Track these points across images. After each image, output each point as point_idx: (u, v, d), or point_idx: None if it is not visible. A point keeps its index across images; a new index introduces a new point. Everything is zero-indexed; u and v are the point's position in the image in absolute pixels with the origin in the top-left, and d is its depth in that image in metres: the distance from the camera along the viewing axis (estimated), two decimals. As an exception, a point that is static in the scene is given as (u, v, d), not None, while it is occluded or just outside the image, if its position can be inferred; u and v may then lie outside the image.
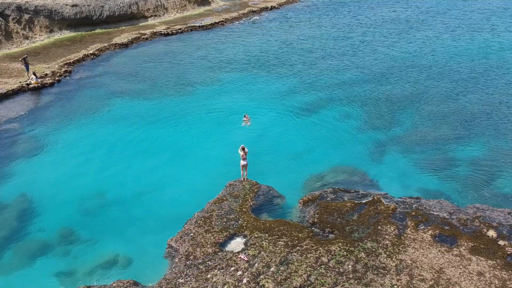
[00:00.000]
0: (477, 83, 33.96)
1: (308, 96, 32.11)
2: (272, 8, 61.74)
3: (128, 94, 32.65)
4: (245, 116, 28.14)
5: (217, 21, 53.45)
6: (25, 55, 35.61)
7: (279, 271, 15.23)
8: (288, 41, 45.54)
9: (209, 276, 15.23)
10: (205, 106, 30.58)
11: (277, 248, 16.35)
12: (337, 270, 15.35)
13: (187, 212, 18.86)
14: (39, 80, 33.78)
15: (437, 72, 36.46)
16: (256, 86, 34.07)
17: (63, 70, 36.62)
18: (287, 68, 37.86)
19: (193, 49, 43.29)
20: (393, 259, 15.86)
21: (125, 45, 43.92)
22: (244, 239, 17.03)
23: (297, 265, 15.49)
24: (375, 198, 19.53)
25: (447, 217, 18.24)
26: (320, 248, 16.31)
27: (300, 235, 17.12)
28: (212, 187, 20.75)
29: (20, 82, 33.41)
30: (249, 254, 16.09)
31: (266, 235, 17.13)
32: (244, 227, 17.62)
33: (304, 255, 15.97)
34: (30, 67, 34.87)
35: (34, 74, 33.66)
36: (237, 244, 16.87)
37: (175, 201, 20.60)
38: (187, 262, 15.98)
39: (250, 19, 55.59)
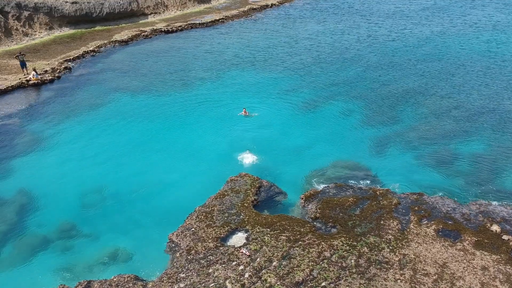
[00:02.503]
0: (480, 77, 33.74)
1: (311, 91, 31.92)
2: (272, 5, 61.51)
3: (128, 90, 32.48)
4: (243, 110, 28.03)
5: (217, 18, 53.21)
6: (21, 53, 34.86)
7: (281, 266, 15.09)
8: (291, 37, 45.34)
9: (210, 270, 15.10)
10: (206, 101, 30.39)
11: (279, 243, 16.21)
12: (340, 264, 15.21)
13: (188, 207, 18.71)
14: (39, 76, 33.62)
15: (440, 66, 36.24)
16: (259, 81, 33.87)
17: (63, 66, 36.42)
18: (290, 62, 37.66)
19: (194, 45, 43.09)
20: (396, 254, 15.72)
21: (125, 42, 43.70)
22: (246, 234, 16.89)
23: (300, 260, 15.35)
24: (378, 193, 19.39)
25: (450, 212, 18.10)
26: (323, 243, 16.16)
27: (302, 229, 16.98)
28: (214, 182, 20.62)
29: (19, 79, 33.26)
30: (251, 249, 15.95)
31: (268, 229, 16.99)
32: (246, 222, 17.47)
33: (307, 250, 15.83)
34: (29, 64, 34.61)
35: (34, 70, 33.49)
36: (238, 238, 16.73)
37: (176, 196, 20.46)
38: (189, 257, 15.84)
39: (251, 16, 55.39)
